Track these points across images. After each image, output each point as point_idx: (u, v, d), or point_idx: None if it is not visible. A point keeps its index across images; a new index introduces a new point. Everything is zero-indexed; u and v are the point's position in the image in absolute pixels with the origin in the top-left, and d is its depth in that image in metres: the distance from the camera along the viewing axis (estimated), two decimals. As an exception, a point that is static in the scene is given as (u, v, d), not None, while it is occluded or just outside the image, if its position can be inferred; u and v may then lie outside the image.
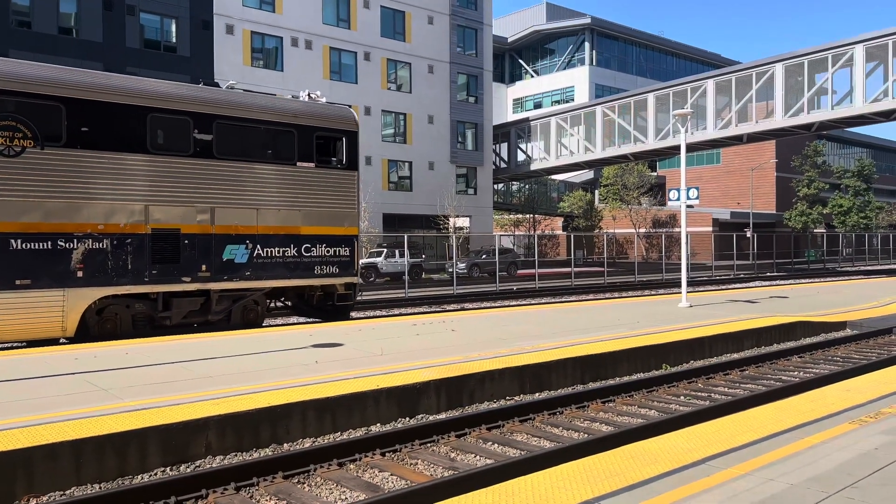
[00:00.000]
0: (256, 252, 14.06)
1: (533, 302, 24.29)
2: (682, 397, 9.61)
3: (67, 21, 33.00)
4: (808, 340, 14.34)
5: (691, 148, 41.54)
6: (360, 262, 17.31)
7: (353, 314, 17.39)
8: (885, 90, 32.66)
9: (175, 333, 13.12)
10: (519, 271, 39.48)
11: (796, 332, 14.56)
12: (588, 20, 69.48)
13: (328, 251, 15.08)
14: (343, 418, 7.93)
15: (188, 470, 6.64)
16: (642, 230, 57.66)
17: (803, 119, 35.41)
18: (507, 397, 9.41)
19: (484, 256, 39.46)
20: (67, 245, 11.94)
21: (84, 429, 6.44)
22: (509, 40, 73.61)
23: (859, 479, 4.86)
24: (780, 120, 36.22)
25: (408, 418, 8.40)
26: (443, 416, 8.54)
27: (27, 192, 11.60)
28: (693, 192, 16.97)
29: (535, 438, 7.70)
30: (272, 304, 15.71)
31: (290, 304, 16.18)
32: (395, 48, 43.37)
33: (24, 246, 11.51)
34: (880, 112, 33.10)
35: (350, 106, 17.21)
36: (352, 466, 6.75)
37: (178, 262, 13.13)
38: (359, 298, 17.34)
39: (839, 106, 34.56)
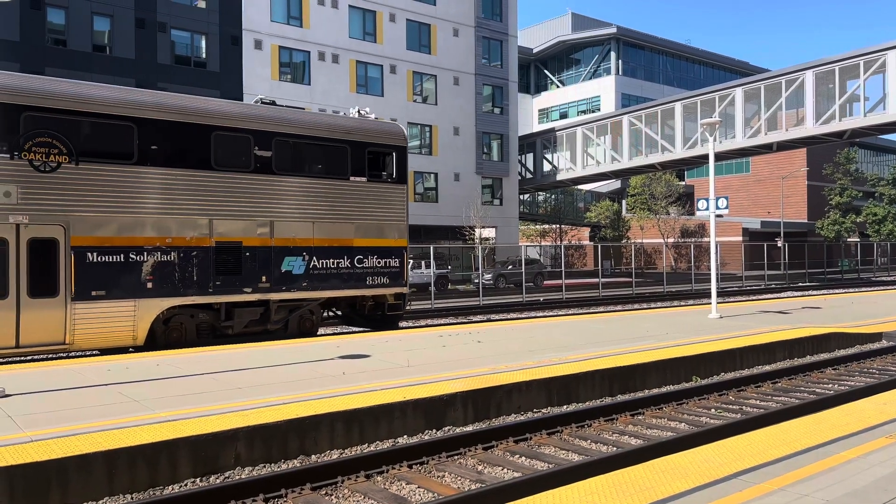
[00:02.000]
0: (312, 264, 14.59)
1: (560, 313, 24.15)
2: (712, 410, 9.46)
3: (101, 39, 33.78)
4: (842, 352, 14.04)
5: (720, 157, 41.08)
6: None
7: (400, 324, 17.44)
8: (919, 96, 32.00)
9: (236, 342, 13.72)
10: (545, 282, 39.28)
11: (830, 343, 14.27)
12: (614, 30, 69.25)
13: (379, 262, 15.59)
14: (370, 430, 7.94)
15: (217, 481, 6.70)
16: (670, 240, 57.03)
17: (835, 126, 34.82)
18: (535, 409, 9.35)
19: (510, 267, 39.35)
20: (138, 258, 12.58)
21: (117, 440, 6.54)
22: (535, 51, 73.64)
23: (894, 496, 4.74)
24: (811, 128, 35.65)
25: (435, 430, 8.39)
26: (469, 428, 8.52)
27: (100, 208, 12.27)
28: (722, 202, 16.78)
29: (563, 451, 7.63)
30: (324, 314, 16.13)
31: (339, 313, 16.56)
32: (421, 61, 43.64)
33: (98, 259, 12.16)
34: (915, 119, 32.41)
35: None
36: (379, 479, 6.75)
37: (240, 274, 13.70)
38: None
39: (872, 113, 33.93)
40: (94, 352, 13.08)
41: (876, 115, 33.69)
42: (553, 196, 58.33)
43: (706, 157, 40.63)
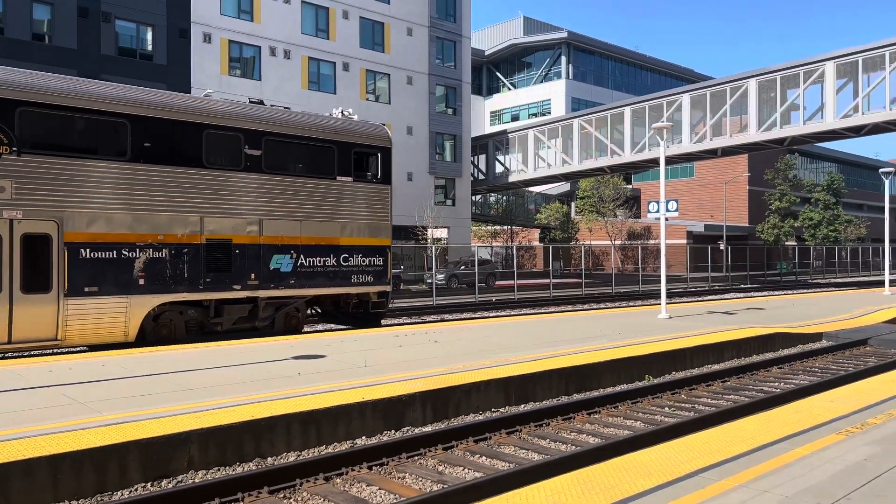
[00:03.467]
0: (300, 262, 14.80)
1: (513, 313, 24.29)
2: (666, 409, 9.62)
3: (41, 27, 32.46)
4: (786, 351, 14.49)
5: (668, 161, 41.59)
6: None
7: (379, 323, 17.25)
8: (854, 106, 33.34)
9: (225, 339, 13.69)
10: (497, 282, 39.50)
11: (775, 343, 14.71)
12: (565, 34, 70.14)
13: (364, 261, 15.87)
14: (328, 431, 7.80)
15: (170, 486, 6.47)
16: (618, 242, 58.10)
17: (776, 133, 36.00)
18: (493, 409, 9.35)
19: (462, 268, 39.43)
20: (131, 254, 12.63)
21: (62, 443, 6.24)
22: (487, 53, 74.03)
23: (851, 490, 4.87)
24: (753, 134, 36.77)
25: (394, 431, 8.29)
26: (429, 428, 8.45)
27: (94, 204, 12.28)
28: (672, 205, 17.13)
29: (524, 451, 7.64)
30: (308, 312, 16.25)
31: (319, 311, 16.62)
32: (375, 59, 43.36)
33: (91, 255, 12.17)
34: (850, 127, 33.75)
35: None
36: (338, 481, 6.63)
37: (229, 271, 13.84)
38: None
39: (811, 121, 35.21)
40: (82, 348, 12.96)
41: (814, 124, 34.97)
42: (504, 198, 58.73)
43: (654, 161, 41.65)
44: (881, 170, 27.59)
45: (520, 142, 48.65)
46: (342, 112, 16.68)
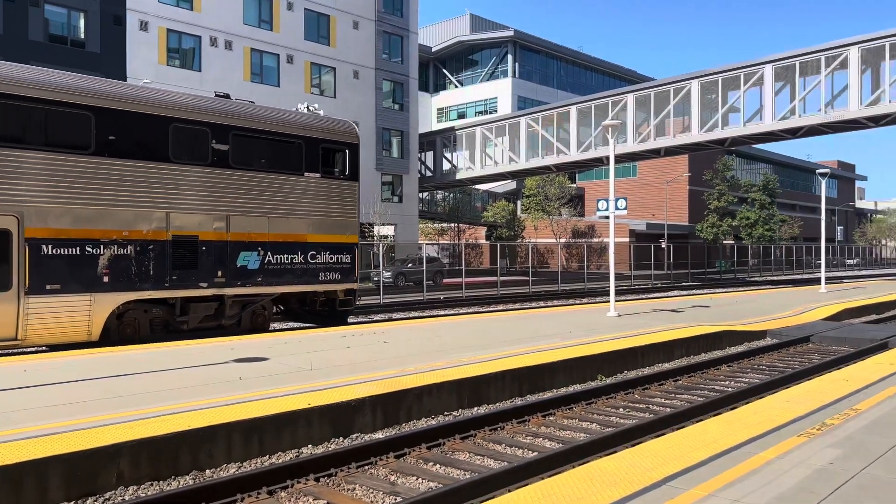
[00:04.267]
0: (267, 259, 14.60)
1: (461, 311, 24.03)
2: (621, 409, 9.46)
3: (-38, 10, 30.59)
4: (733, 349, 14.61)
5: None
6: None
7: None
8: (791, 109, 34.30)
9: (190, 338, 13.28)
10: (444, 280, 39.23)
11: (722, 341, 14.82)
12: (511, 33, 70.36)
13: (331, 258, 15.74)
14: (272, 440, 7.32)
15: (96, 504, 5.91)
16: (563, 240, 58.63)
17: (717, 134, 36.76)
18: (446, 412, 9.01)
19: (410, 265, 39.01)
20: (94, 251, 12.25)
21: (-28, 461, 5.61)
22: (433, 50, 73.67)
23: (822, 497, 4.71)
24: (696, 135, 37.47)
25: (342, 438, 7.86)
26: (380, 434, 8.06)
27: (56, 198, 11.86)
28: (622, 203, 17.12)
29: (479, 457, 7.32)
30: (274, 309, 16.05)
31: (283, 309, 16.43)
32: (320, 52, 42.50)
33: (54, 251, 11.77)
34: (788, 129, 34.72)
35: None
36: (283, 494, 6.18)
37: (196, 268, 13.56)
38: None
39: (750, 122, 36.05)
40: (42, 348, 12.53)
41: (754, 125, 35.84)
42: (451, 195, 58.54)
43: (600, 160, 42.09)
44: (818, 171, 28.40)
45: (467, 139, 48.48)
46: (308, 107, 16.45)
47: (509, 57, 71.32)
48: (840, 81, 33.67)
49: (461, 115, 71.96)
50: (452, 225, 59.31)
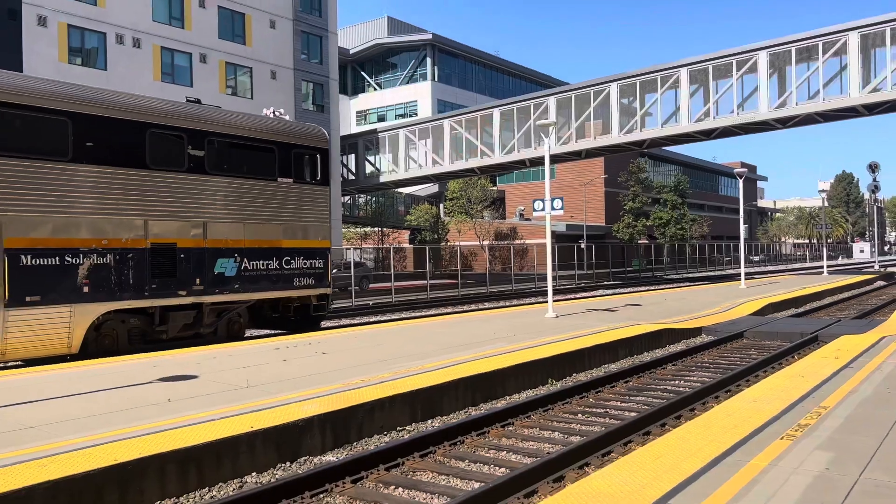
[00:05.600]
0: (244, 265, 14.46)
1: (395, 317, 23.37)
2: (579, 415, 9.09)
3: None
4: (672, 347, 14.62)
5: (533, 163, 42.81)
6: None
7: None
8: (706, 111, 35.45)
9: (169, 348, 12.87)
10: (371, 285, 38.40)
11: (662, 339, 14.81)
12: (429, 36, 70.15)
13: (305, 263, 15.65)
14: (211, 471, 6.52)
15: (5, 562, 4.98)
16: (486, 242, 58.76)
17: (636, 136, 37.56)
18: (399, 427, 8.39)
19: (335, 271, 37.91)
20: (74, 260, 11.92)
21: None
22: (351, 52, 72.53)
23: (834, 507, 4.40)
24: (615, 136, 38.18)
25: (290, 463, 7.12)
26: (331, 456, 7.36)
27: (36, 207, 11.53)
28: (558, 203, 16.95)
29: (443, 476, 6.75)
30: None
31: (256, 315, 16.12)
32: (235, 51, 40.82)
33: (33, 262, 11.42)
34: (703, 131, 35.87)
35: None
36: (231, 535, 5.42)
37: (175, 276, 13.32)
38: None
39: (667, 124, 37.01)
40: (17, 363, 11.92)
41: (670, 127, 36.81)
42: (374, 199, 57.66)
43: (523, 162, 42.29)
44: (736, 170, 29.33)
45: (390, 142, 47.80)
46: (274, 112, 16.47)
47: (428, 60, 71.09)
48: (750, 84, 35.05)
49: (381, 118, 71.16)
50: (375, 229, 58.40)
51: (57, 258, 11.70)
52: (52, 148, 11.81)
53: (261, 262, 14.74)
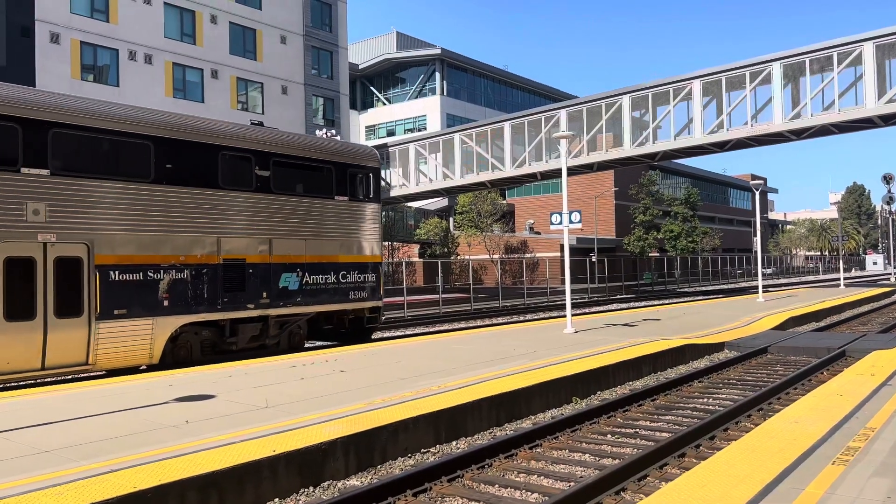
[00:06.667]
0: (305, 279, 15.11)
1: (409, 332, 23.09)
2: (608, 436, 8.80)
3: None
4: (696, 363, 14.29)
5: (545, 176, 42.55)
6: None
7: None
8: (719, 123, 35.15)
9: (236, 358, 13.44)
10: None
11: (685, 355, 14.49)
12: (438, 51, 70.32)
13: (359, 277, 16.32)
14: (234, 496, 6.27)
15: None
16: (496, 256, 58.47)
17: (649, 149, 37.25)
18: (424, 449, 8.11)
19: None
20: (156, 276, 12.61)
21: None
22: (360, 67, 72.76)
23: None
24: (628, 149, 37.86)
25: (312, 488, 6.86)
26: (355, 481, 7.09)
27: (122, 226, 12.23)
28: (576, 216, 16.69)
29: (474, 503, 6.46)
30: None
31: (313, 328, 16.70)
32: (246, 67, 40.94)
33: (120, 277, 12.09)
34: (716, 143, 35.52)
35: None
36: (257, 567, 5.15)
37: (244, 290, 13.98)
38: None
39: (680, 136, 36.71)
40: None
41: (684, 139, 36.47)
42: (384, 213, 57.55)
43: (534, 175, 42.04)
44: (751, 182, 29.02)
45: (400, 156, 47.66)
46: (326, 133, 17.41)
47: (437, 75, 71.22)
48: (763, 96, 34.78)
49: (390, 133, 71.23)
50: (386, 243, 58.22)
51: (141, 274, 12.39)
52: (135, 170, 12.61)
53: (320, 276, 15.39)
